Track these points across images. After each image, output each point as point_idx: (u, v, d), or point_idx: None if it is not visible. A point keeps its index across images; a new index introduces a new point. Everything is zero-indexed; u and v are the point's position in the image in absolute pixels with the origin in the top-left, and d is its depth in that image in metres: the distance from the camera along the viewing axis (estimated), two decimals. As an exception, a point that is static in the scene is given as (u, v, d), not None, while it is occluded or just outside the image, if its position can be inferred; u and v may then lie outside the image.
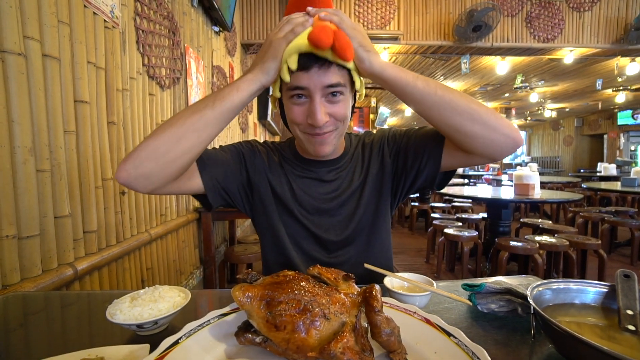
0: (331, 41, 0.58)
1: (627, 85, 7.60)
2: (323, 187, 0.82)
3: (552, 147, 14.30)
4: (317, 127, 0.67)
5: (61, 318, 0.68)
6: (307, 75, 0.63)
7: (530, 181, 2.82)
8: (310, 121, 0.66)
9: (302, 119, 0.68)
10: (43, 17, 0.98)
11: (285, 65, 0.63)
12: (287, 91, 0.67)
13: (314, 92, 0.64)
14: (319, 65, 0.63)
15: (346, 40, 0.60)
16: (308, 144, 0.73)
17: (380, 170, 0.83)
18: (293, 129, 0.73)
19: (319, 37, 0.58)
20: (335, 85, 0.65)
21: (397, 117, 12.57)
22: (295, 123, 0.70)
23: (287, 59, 0.62)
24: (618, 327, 0.47)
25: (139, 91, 1.56)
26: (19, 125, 0.90)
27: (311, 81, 0.63)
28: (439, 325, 0.48)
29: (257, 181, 0.81)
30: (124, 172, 0.59)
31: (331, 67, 0.63)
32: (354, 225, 0.81)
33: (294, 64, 0.62)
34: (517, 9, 4.15)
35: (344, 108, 0.69)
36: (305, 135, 0.72)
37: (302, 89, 0.65)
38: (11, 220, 0.88)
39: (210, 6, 2.48)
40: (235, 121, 3.55)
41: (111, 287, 1.31)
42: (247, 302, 0.46)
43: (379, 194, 0.82)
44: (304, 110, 0.67)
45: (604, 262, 2.58)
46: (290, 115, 0.70)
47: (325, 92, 0.65)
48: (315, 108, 0.65)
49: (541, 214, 5.72)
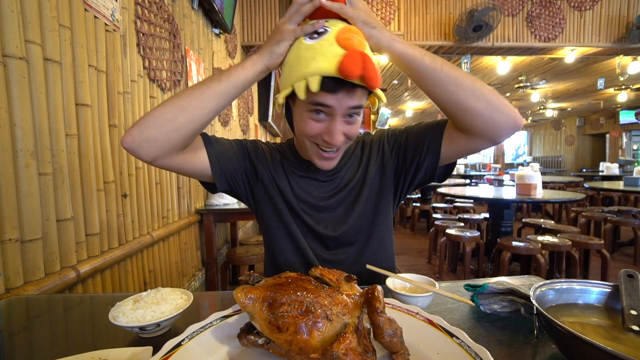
0: (361, 72, 0.57)
1: (629, 84, 7.58)
2: (321, 186, 0.83)
3: (554, 146, 14.26)
4: (333, 146, 0.68)
5: (64, 321, 0.68)
6: (333, 97, 0.63)
7: (532, 181, 2.82)
8: (327, 139, 0.67)
9: (316, 134, 0.68)
10: (44, 21, 0.98)
11: (303, 82, 0.61)
12: (307, 104, 0.66)
13: (337, 112, 0.64)
14: (346, 90, 0.62)
15: (374, 69, 0.58)
16: (315, 156, 0.73)
17: (380, 168, 0.84)
18: (301, 138, 0.73)
19: (350, 68, 0.56)
20: (358, 107, 0.66)
21: (398, 117, 12.56)
22: (309, 136, 0.70)
23: (307, 77, 0.60)
24: (622, 328, 0.47)
25: (140, 94, 1.57)
26: (21, 129, 0.90)
27: (337, 102, 0.63)
28: (441, 326, 0.48)
29: (260, 173, 0.83)
30: (129, 136, 0.61)
31: (357, 90, 0.63)
32: (351, 222, 0.82)
33: (315, 86, 0.59)
34: (517, 8, 4.15)
35: (357, 128, 0.70)
36: (314, 147, 0.72)
37: (327, 107, 0.64)
38: (14, 224, 0.88)
39: (210, 8, 2.49)
40: (236, 123, 3.55)
41: (114, 289, 1.31)
42: (250, 303, 0.46)
43: (378, 193, 0.83)
44: (322, 127, 0.67)
45: (607, 262, 2.57)
46: (305, 128, 0.69)
47: (346, 113, 0.66)
48: (335, 128, 0.66)
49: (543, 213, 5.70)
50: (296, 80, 0.62)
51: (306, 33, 0.61)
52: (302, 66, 0.61)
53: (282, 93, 0.66)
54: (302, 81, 0.61)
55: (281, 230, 0.83)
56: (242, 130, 3.83)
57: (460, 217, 3.65)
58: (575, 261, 2.44)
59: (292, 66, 0.64)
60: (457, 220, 3.50)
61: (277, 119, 6.13)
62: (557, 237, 2.55)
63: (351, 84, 0.61)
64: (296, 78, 0.62)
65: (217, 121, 2.89)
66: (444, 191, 3.55)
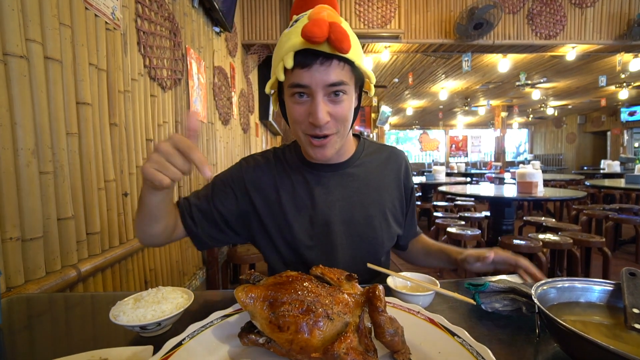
0: (326, 34, 0.57)
1: (630, 81, 7.55)
2: (326, 193, 0.79)
3: (555, 144, 14.24)
4: (318, 126, 0.66)
5: (65, 320, 0.68)
6: (308, 73, 0.62)
7: (533, 179, 2.81)
8: (311, 120, 0.65)
9: (303, 118, 0.67)
10: (45, 19, 0.98)
11: (281, 63, 0.62)
12: (288, 89, 0.66)
13: (315, 90, 0.63)
14: (319, 62, 0.61)
15: (342, 32, 0.58)
16: (308, 147, 0.71)
17: (399, 195, 0.86)
18: (295, 130, 0.71)
19: (312, 30, 0.56)
20: (338, 83, 0.63)
21: (399, 116, 12.55)
22: (297, 122, 0.69)
23: (283, 57, 0.61)
24: (624, 326, 0.47)
25: (140, 92, 1.56)
26: (22, 128, 0.90)
27: (312, 79, 0.62)
28: (442, 324, 0.48)
29: (250, 200, 0.79)
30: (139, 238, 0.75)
31: (332, 62, 0.62)
32: (353, 237, 0.79)
33: (289, 62, 0.60)
34: (518, 6, 4.13)
35: (346, 109, 0.67)
36: (306, 137, 0.70)
37: (304, 87, 0.63)
38: (15, 223, 0.88)
39: (211, 7, 2.48)
40: (237, 122, 3.55)
41: (114, 288, 1.32)
42: (250, 303, 0.46)
43: (393, 220, 0.84)
44: (306, 109, 0.66)
45: (608, 260, 2.56)
46: (292, 115, 0.68)
47: (327, 91, 0.64)
48: (316, 107, 0.63)
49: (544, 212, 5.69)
50: (275, 64, 0.65)
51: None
52: (279, 49, 0.64)
53: (267, 83, 0.68)
54: (279, 64, 0.63)
55: (280, 241, 0.79)
56: (243, 129, 3.83)
57: (461, 216, 3.65)
58: (576, 259, 2.44)
59: (274, 57, 0.67)
60: (458, 219, 3.50)
61: (278, 117, 6.12)
62: (558, 235, 2.54)
63: (324, 56, 0.60)
64: (275, 64, 0.65)
65: (217, 120, 2.88)
66: (445, 189, 3.54)
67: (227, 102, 3.11)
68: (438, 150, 16.13)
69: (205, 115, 2.54)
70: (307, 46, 0.59)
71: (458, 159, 15.67)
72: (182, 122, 2.10)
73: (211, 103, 2.71)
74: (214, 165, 2.80)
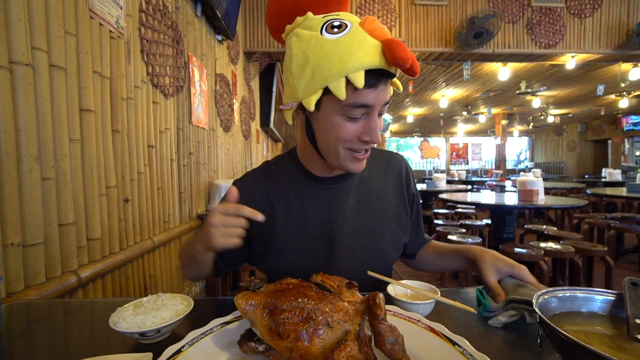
0: (411, 58, 0.54)
1: (630, 90, 7.59)
2: (326, 205, 0.76)
3: (556, 152, 14.25)
4: (374, 143, 0.65)
5: (64, 326, 0.67)
6: (374, 94, 0.59)
7: (534, 187, 2.81)
8: (368, 138, 0.63)
9: (353, 136, 0.63)
10: (50, 28, 1.00)
11: (343, 80, 0.56)
12: (342, 107, 0.60)
13: (375, 109, 0.61)
14: (384, 82, 0.59)
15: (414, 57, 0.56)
16: (350, 161, 0.67)
17: (402, 202, 0.84)
18: (335, 147, 0.65)
19: (403, 56, 0.53)
20: (388, 102, 0.63)
21: (399, 123, 12.60)
22: (344, 140, 0.64)
23: (350, 75, 0.55)
24: (627, 337, 0.46)
25: (143, 100, 1.58)
26: (26, 134, 0.91)
27: (377, 99, 0.60)
28: (443, 333, 0.48)
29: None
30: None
31: (389, 82, 0.62)
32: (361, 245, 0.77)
33: (360, 81, 0.55)
34: (518, 15, 4.18)
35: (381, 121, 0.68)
36: (348, 152, 0.66)
37: (367, 106, 0.60)
38: (16, 228, 0.88)
39: (213, 15, 2.52)
40: (238, 129, 3.57)
41: (114, 294, 1.31)
42: (250, 310, 0.46)
43: (398, 228, 0.82)
44: (359, 127, 0.63)
45: (610, 269, 2.54)
46: (340, 132, 0.63)
47: (381, 109, 0.63)
48: (375, 126, 0.62)
49: (545, 220, 5.67)
50: (331, 79, 0.56)
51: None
52: (336, 62, 0.56)
53: (310, 98, 0.59)
54: (341, 79, 0.56)
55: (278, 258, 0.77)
56: (244, 136, 3.85)
57: (462, 223, 3.64)
58: (578, 268, 2.42)
59: (317, 66, 0.57)
60: (458, 227, 3.48)
61: (279, 124, 6.16)
62: (559, 244, 2.53)
63: (387, 77, 0.59)
64: (331, 77, 0.56)
65: (219, 127, 2.90)
66: (446, 197, 3.54)
67: (228, 109, 3.14)
68: (439, 158, 16.15)
69: (207, 122, 2.56)
70: (382, 66, 0.56)
71: (459, 167, 15.68)
72: (184, 129, 2.12)
73: (213, 110, 2.73)
74: (215, 172, 2.81)
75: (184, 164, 2.12)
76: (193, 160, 2.28)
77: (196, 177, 2.34)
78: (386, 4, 4.00)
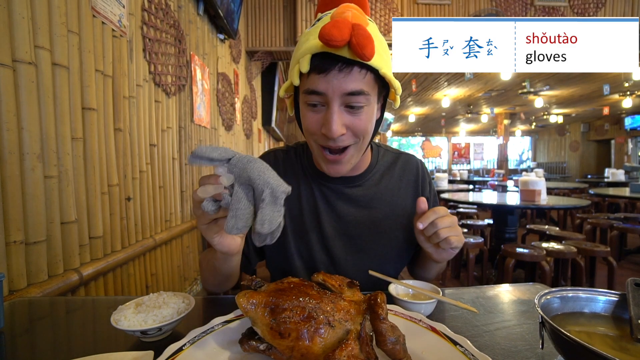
0: (346, 37, 0.50)
1: (634, 90, 7.54)
2: (333, 208, 0.74)
3: (558, 152, 14.19)
4: (332, 139, 0.59)
5: (66, 324, 0.68)
6: (324, 79, 0.56)
7: (536, 187, 2.79)
8: (324, 131, 0.59)
9: (316, 128, 0.61)
10: (53, 27, 1.00)
11: (296, 66, 0.57)
12: (302, 95, 0.60)
13: (331, 99, 0.57)
14: (338, 68, 0.55)
15: (365, 34, 0.52)
16: (322, 160, 0.66)
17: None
18: (308, 140, 0.66)
19: (330, 32, 0.50)
20: (357, 93, 0.57)
21: (401, 122, 12.58)
22: (310, 132, 0.63)
23: (299, 59, 0.56)
24: (630, 338, 0.46)
25: (145, 98, 1.58)
26: (28, 133, 0.91)
27: (329, 86, 0.56)
28: (444, 333, 0.48)
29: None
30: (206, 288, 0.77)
31: (353, 69, 0.55)
32: (371, 254, 0.75)
33: (305, 66, 0.55)
34: (520, 14, 4.16)
35: (365, 121, 0.61)
36: (320, 149, 0.64)
37: (319, 94, 0.57)
38: (19, 226, 0.89)
39: (215, 14, 2.52)
40: (239, 128, 3.57)
41: (116, 292, 1.32)
42: (252, 309, 0.46)
43: (405, 231, 0.76)
44: (320, 118, 0.60)
45: (613, 270, 2.53)
46: (305, 123, 0.63)
47: (345, 101, 0.58)
48: (331, 117, 0.57)
49: (548, 220, 5.65)
50: (292, 68, 0.60)
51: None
52: (296, 52, 0.59)
53: (282, 86, 0.63)
54: (295, 66, 0.58)
55: (284, 253, 0.77)
56: (246, 135, 3.85)
57: (464, 223, 3.63)
58: (581, 269, 2.41)
59: (292, 59, 0.62)
60: (460, 226, 3.47)
61: (281, 123, 6.16)
62: (562, 244, 2.52)
63: (343, 61, 0.54)
64: (292, 66, 0.60)
65: (220, 126, 2.90)
66: (447, 197, 3.53)
67: (230, 108, 3.14)
68: (440, 158, 16.12)
69: (209, 121, 2.56)
70: (325, 49, 0.53)
71: (460, 166, 15.64)
72: (186, 128, 2.12)
73: (214, 109, 2.73)
74: (217, 170, 2.81)
75: (186, 162, 2.12)
76: (195, 159, 2.28)
77: (198, 176, 2.34)
78: (388, 3, 3.99)
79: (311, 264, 0.75)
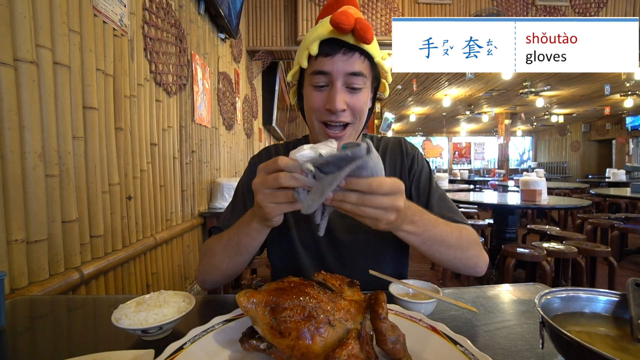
0: (353, 23, 0.61)
1: (635, 90, 7.53)
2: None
3: (559, 152, 14.16)
4: (334, 113, 0.67)
5: (67, 322, 0.68)
6: (331, 61, 0.65)
7: (537, 187, 2.79)
8: (328, 106, 0.67)
9: (320, 106, 0.68)
10: (55, 26, 1.00)
11: (305, 51, 0.67)
12: (309, 76, 0.69)
13: (336, 77, 0.66)
14: (343, 52, 0.65)
15: (367, 25, 0.63)
16: (322, 137, 0.71)
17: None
18: (310, 118, 0.72)
19: (340, 18, 0.61)
20: (358, 74, 0.66)
21: (402, 122, 12.56)
22: (313, 110, 0.70)
23: (308, 45, 0.66)
24: (630, 338, 0.46)
25: (146, 97, 1.58)
26: (30, 132, 0.91)
27: (334, 67, 0.65)
28: (445, 333, 0.48)
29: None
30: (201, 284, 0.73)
31: (354, 54, 0.66)
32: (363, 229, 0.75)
33: (315, 49, 0.65)
34: (521, 14, 4.15)
35: (362, 101, 0.69)
36: (321, 126, 0.71)
37: (325, 74, 0.66)
38: (20, 225, 0.89)
39: (216, 14, 2.52)
40: (240, 127, 3.57)
41: (116, 291, 1.32)
42: (252, 308, 0.46)
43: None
44: (324, 96, 0.68)
45: (614, 270, 2.52)
46: (309, 102, 0.70)
47: (347, 81, 0.66)
48: (335, 93, 0.66)
49: (548, 220, 5.64)
50: (300, 54, 0.69)
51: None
52: (305, 41, 0.69)
53: (290, 72, 0.73)
54: (304, 52, 0.67)
55: (288, 245, 0.79)
56: (246, 134, 3.85)
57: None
58: (581, 269, 2.40)
59: (299, 49, 0.71)
60: (461, 226, 3.47)
61: (281, 123, 6.15)
62: (562, 244, 2.51)
63: (347, 47, 0.65)
64: (300, 53, 0.69)
65: (221, 125, 2.90)
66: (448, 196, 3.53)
67: (231, 107, 3.14)
68: (441, 157, 16.10)
69: (209, 120, 2.56)
70: (333, 35, 0.64)
71: (461, 166, 15.62)
72: (186, 127, 2.12)
73: (215, 108, 2.74)
74: (217, 170, 2.82)
75: (187, 162, 2.12)
76: (195, 159, 2.28)
77: (198, 175, 2.34)
78: (389, 2, 3.98)
79: (313, 250, 0.78)
